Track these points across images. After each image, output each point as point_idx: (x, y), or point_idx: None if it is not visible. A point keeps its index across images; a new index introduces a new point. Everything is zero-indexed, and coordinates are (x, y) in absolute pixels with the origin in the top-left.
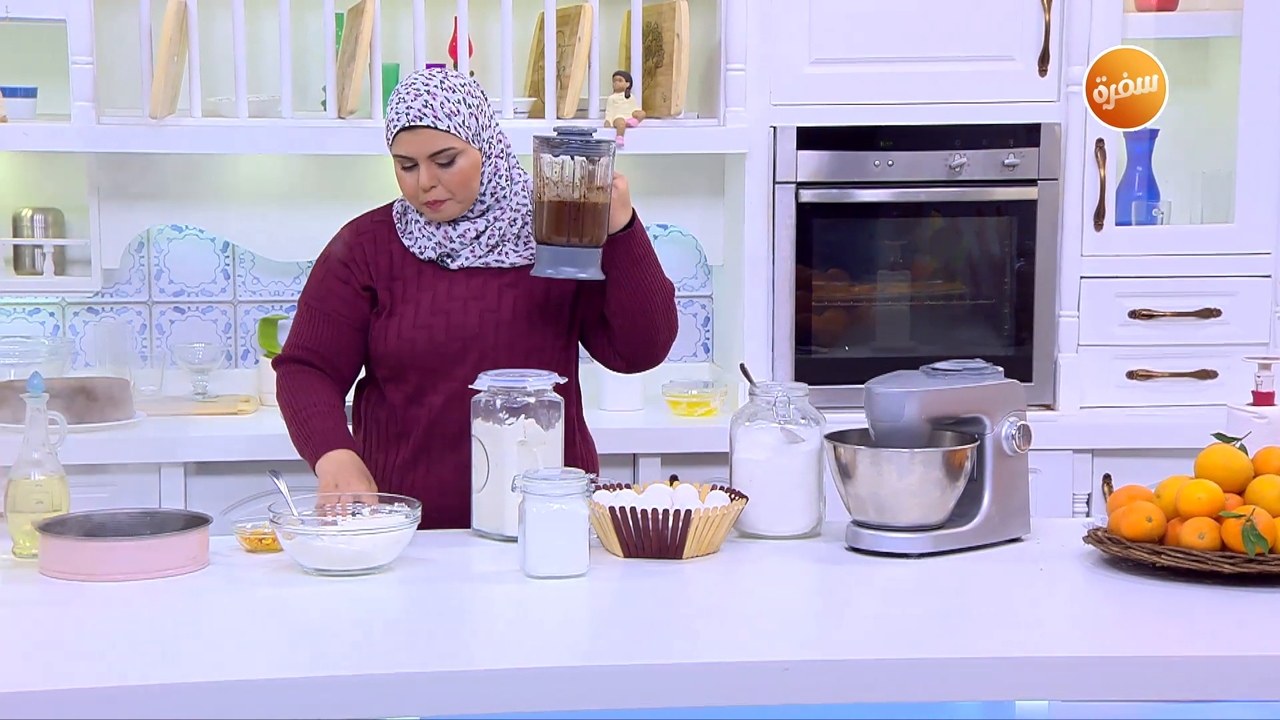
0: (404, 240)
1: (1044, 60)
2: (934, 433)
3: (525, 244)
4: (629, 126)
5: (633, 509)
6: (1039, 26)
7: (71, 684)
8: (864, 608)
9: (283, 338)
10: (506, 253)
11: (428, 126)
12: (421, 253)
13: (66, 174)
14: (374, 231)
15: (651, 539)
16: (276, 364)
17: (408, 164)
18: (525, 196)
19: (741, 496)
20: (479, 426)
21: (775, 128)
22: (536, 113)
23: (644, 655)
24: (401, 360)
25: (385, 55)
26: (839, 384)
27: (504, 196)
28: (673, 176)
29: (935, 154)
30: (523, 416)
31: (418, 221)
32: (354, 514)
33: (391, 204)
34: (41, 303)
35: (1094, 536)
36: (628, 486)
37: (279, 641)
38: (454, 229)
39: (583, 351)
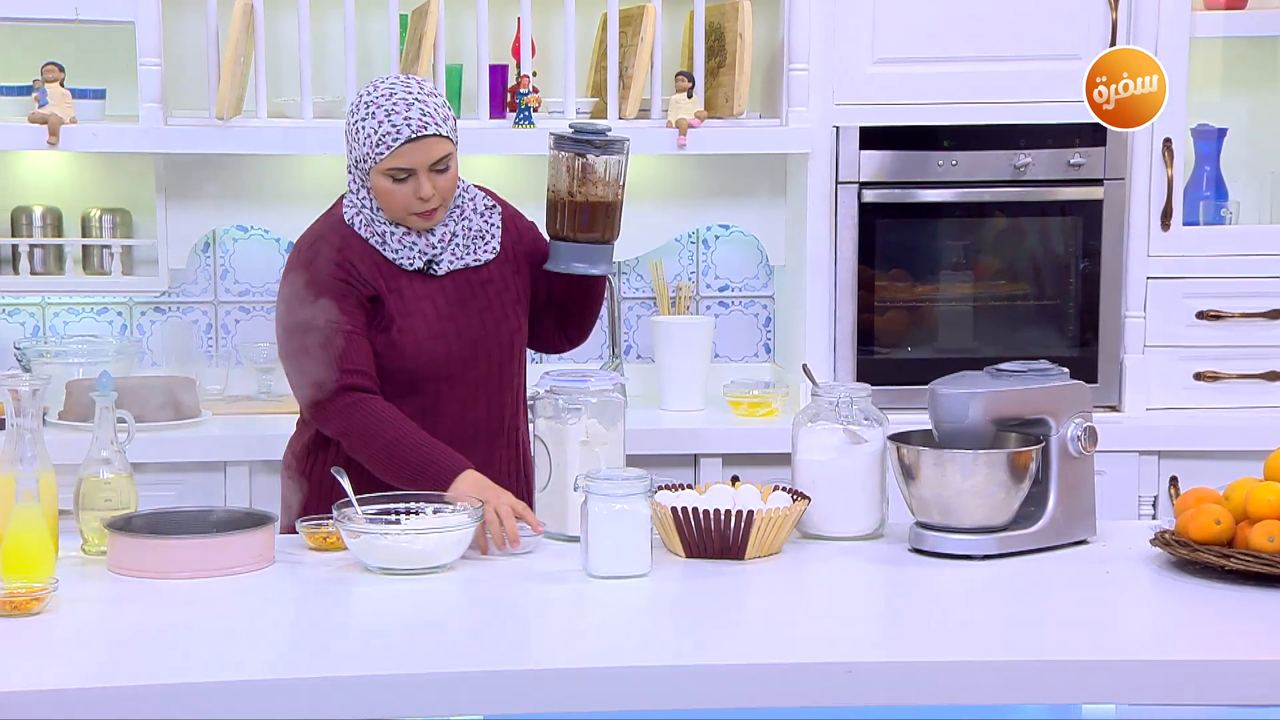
0: (386, 253)
1: None
2: (998, 434)
3: (483, 237)
4: (691, 127)
5: (695, 509)
6: (1106, 25)
7: (138, 681)
8: (928, 609)
9: None
10: (479, 251)
11: (432, 135)
12: (410, 264)
13: (134, 175)
14: (352, 245)
15: (714, 539)
16: (337, 395)
17: (401, 176)
18: (465, 188)
19: (804, 497)
20: (542, 426)
21: (838, 128)
22: (599, 113)
23: (706, 656)
24: (420, 373)
25: (448, 56)
26: (901, 385)
27: (461, 192)
28: (735, 177)
29: (999, 154)
30: (584, 416)
31: (394, 233)
32: (416, 513)
33: (332, 216)
34: (109, 302)
35: (1161, 539)
36: (689, 487)
37: (342, 640)
38: (433, 235)
39: None
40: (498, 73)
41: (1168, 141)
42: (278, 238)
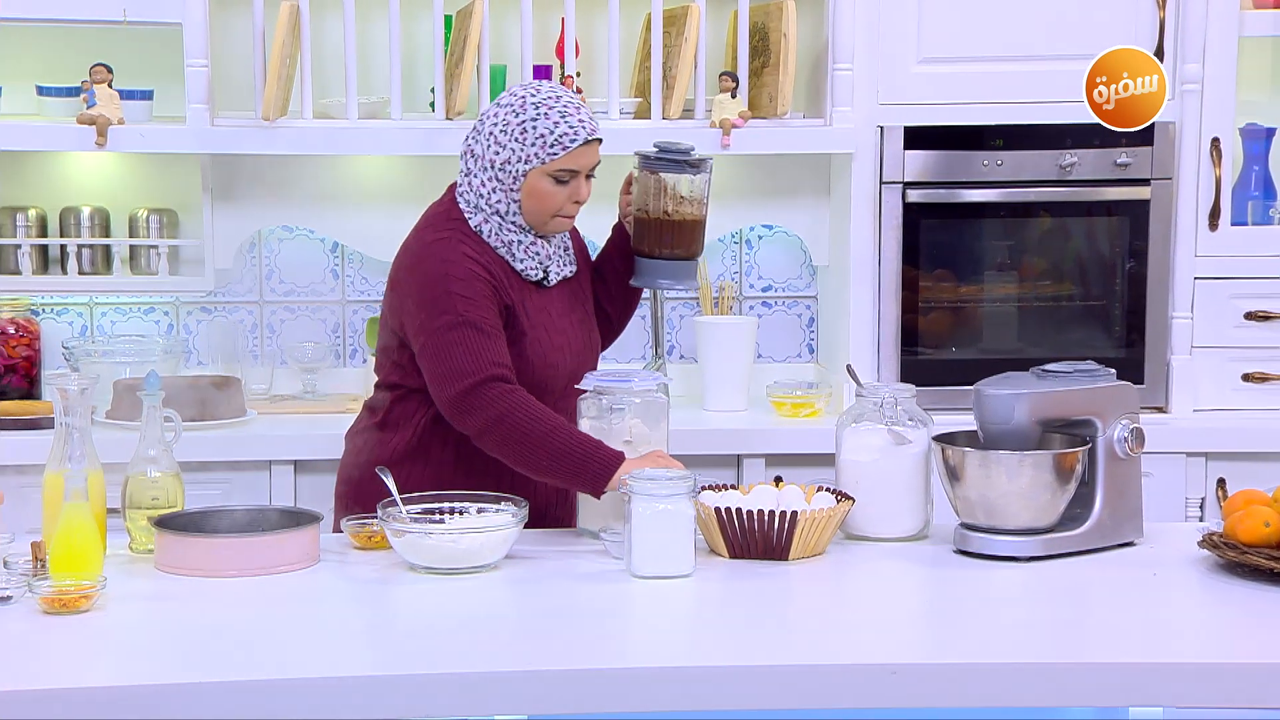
0: (514, 264)
1: (1158, 58)
2: (1044, 435)
3: (569, 251)
4: (735, 127)
5: (740, 510)
6: (1153, 24)
7: (186, 678)
8: (973, 611)
9: None
10: (569, 263)
11: (598, 139)
12: (534, 274)
13: (181, 175)
14: (485, 251)
15: (757, 540)
16: (484, 385)
17: (565, 178)
18: None
19: (848, 498)
20: (586, 426)
21: (882, 127)
22: (642, 113)
23: (749, 656)
24: (546, 385)
25: (493, 56)
26: (945, 385)
27: None
28: (778, 177)
29: (1045, 153)
30: (628, 416)
31: (520, 242)
32: (460, 513)
33: (451, 219)
34: (156, 302)
35: (1209, 541)
36: (733, 487)
37: (389, 639)
38: (547, 244)
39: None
40: (542, 73)
41: (1215, 141)
42: (322, 238)
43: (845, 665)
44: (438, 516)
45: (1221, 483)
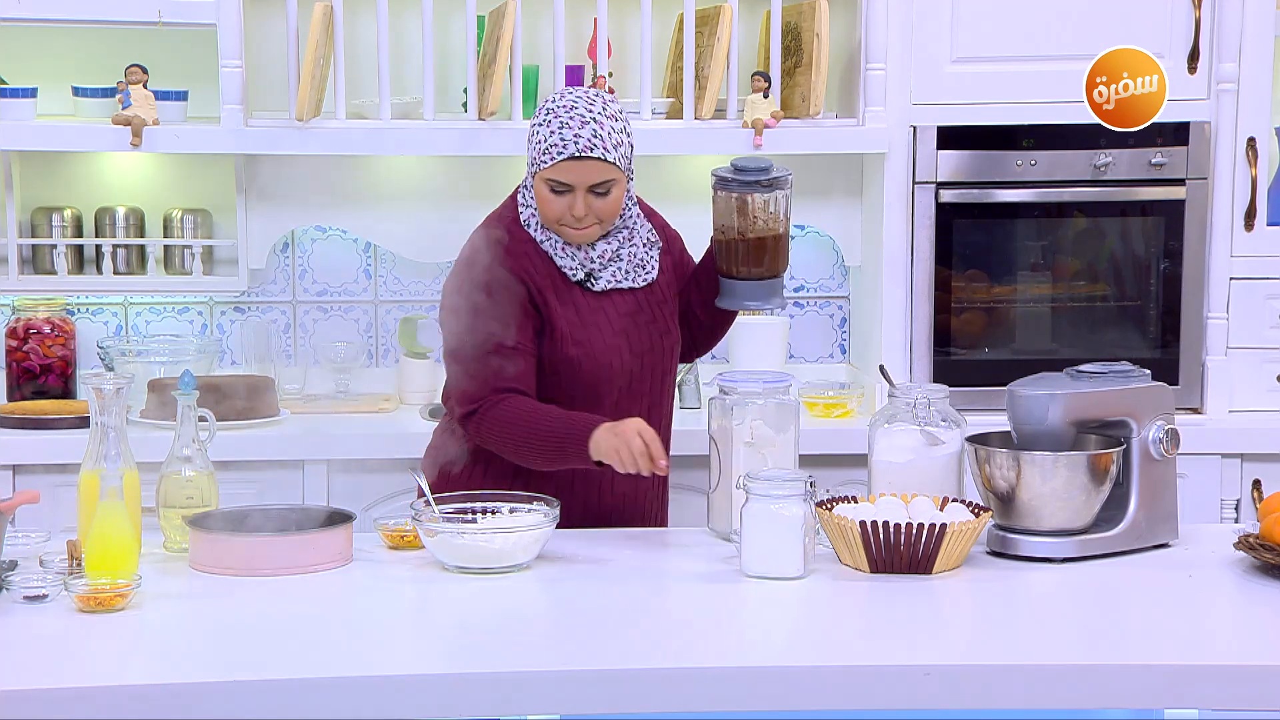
0: (556, 260)
1: (1193, 57)
2: (1079, 436)
3: (644, 267)
4: (767, 127)
5: (885, 523)
6: (1189, 23)
7: (221, 676)
8: (1007, 612)
9: (422, 338)
10: (637, 278)
11: (596, 159)
12: (574, 274)
13: (215, 175)
14: (526, 247)
15: (903, 553)
16: (483, 405)
17: (560, 189)
18: (639, 217)
19: (985, 510)
20: (714, 427)
21: (915, 127)
22: (675, 114)
23: (781, 657)
24: (596, 387)
25: (525, 57)
26: (978, 386)
27: (629, 216)
28: (811, 177)
29: (1079, 153)
30: (750, 417)
31: (559, 241)
32: (493, 513)
33: (505, 215)
34: (190, 301)
35: (1245, 543)
36: (854, 499)
37: (421, 638)
38: (593, 249)
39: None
40: (574, 73)
41: (1251, 141)
42: (355, 238)
43: (879, 666)
44: (470, 516)
45: (1257, 484)
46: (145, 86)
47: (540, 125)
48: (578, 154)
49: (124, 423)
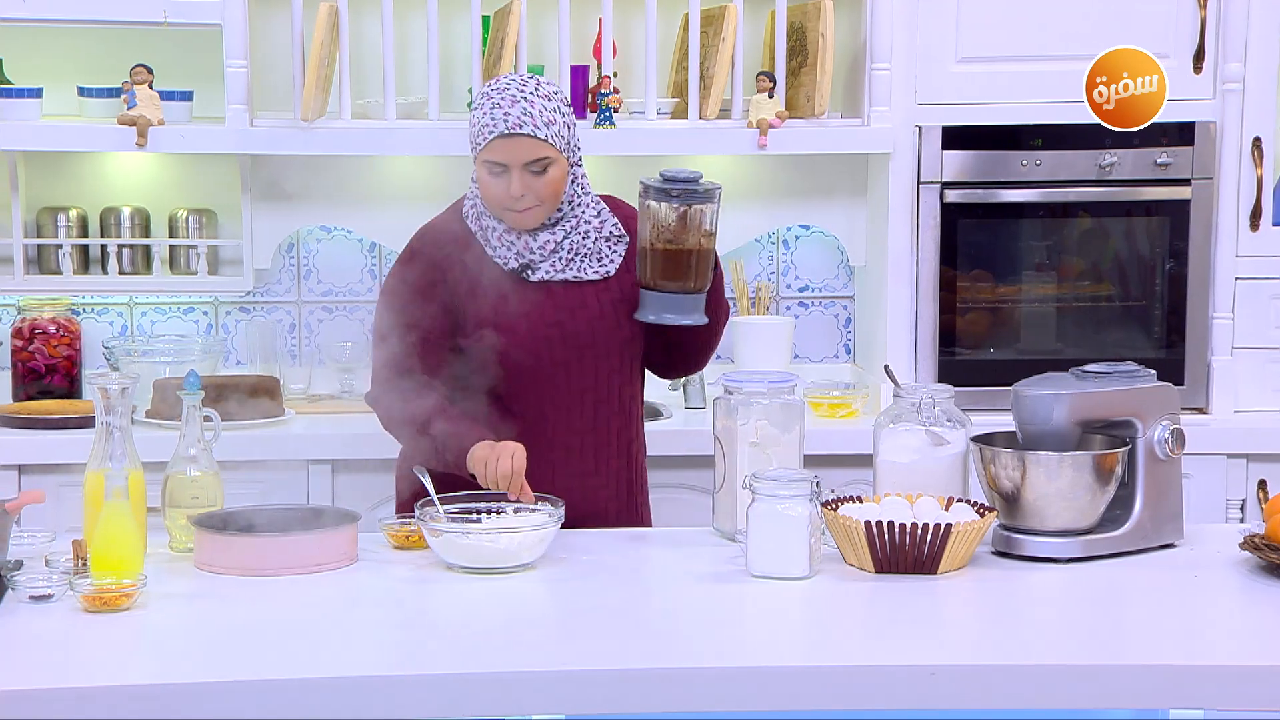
0: (487, 249)
1: (1199, 57)
2: (1084, 436)
3: (598, 260)
4: (772, 127)
5: (890, 523)
6: (1194, 23)
7: (226, 676)
8: (1012, 613)
9: None
10: (584, 269)
11: (526, 135)
12: (506, 263)
13: (220, 176)
14: (457, 237)
15: (907, 554)
16: (379, 387)
17: (497, 170)
18: (597, 210)
19: (990, 510)
20: (719, 427)
21: (920, 127)
22: (680, 113)
23: (784, 657)
24: (522, 375)
25: (530, 57)
26: (983, 386)
27: (578, 206)
28: (816, 177)
29: (1085, 153)
30: (755, 417)
31: (496, 229)
32: (498, 512)
33: (455, 207)
34: (195, 301)
35: (1250, 543)
36: (857, 499)
37: (425, 638)
38: (534, 239)
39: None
40: (579, 73)
41: (1257, 140)
42: (360, 238)
43: (884, 666)
44: (475, 516)
45: (1263, 484)
46: (150, 86)
47: (475, 110)
48: (507, 131)
49: (129, 423)
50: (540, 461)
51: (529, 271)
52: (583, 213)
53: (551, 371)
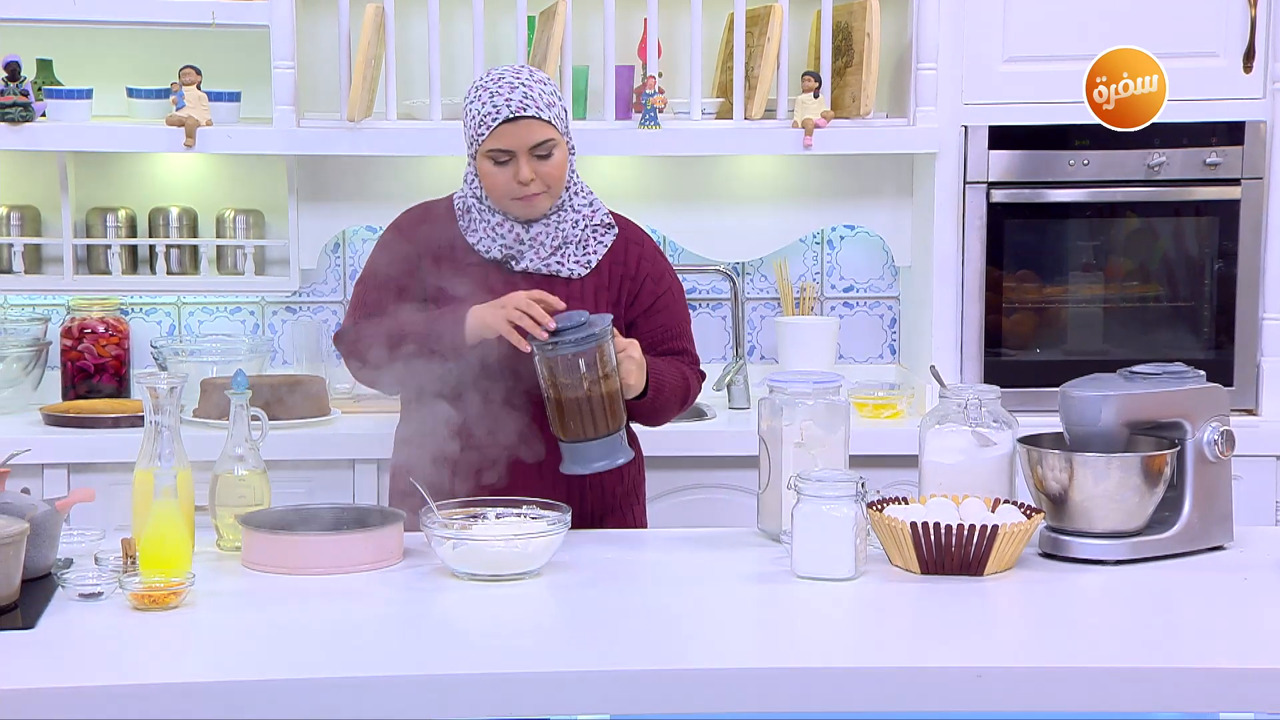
0: (468, 238)
1: (1249, 57)
2: (1132, 438)
3: (583, 250)
4: (817, 127)
5: (936, 524)
6: (1244, 22)
7: (274, 675)
8: (1060, 615)
9: None
10: (566, 259)
11: (531, 117)
12: (488, 253)
13: (267, 176)
14: (439, 226)
15: (953, 555)
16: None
17: (502, 159)
18: (589, 200)
19: (1037, 511)
20: (763, 427)
21: (966, 127)
22: (725, 113)
23: (830, 658)
24: (489, 366)
25: (575, 58)
26: (1030, 387)
27: (574, 196)
28: (861, 177)
29: (1132, 153)
30: (800, 418)
31: (485, 221)
32: (502, 519)
33: (450, 198)
34: (242, 301)
35: None
36: (903, 500)
37: (482, 636)
38: (526, 231)
39: None
40: (624, 74)
41: None
42: None
43: (930, 668)
44: (478, 522)
45: None
46: (199, 88)
47: (472, 103)
48: (512, 115)
49: (178, 422)
50: (527, 463)
51: (512, 262)
52: (574, 201)
53: (522, 361)
